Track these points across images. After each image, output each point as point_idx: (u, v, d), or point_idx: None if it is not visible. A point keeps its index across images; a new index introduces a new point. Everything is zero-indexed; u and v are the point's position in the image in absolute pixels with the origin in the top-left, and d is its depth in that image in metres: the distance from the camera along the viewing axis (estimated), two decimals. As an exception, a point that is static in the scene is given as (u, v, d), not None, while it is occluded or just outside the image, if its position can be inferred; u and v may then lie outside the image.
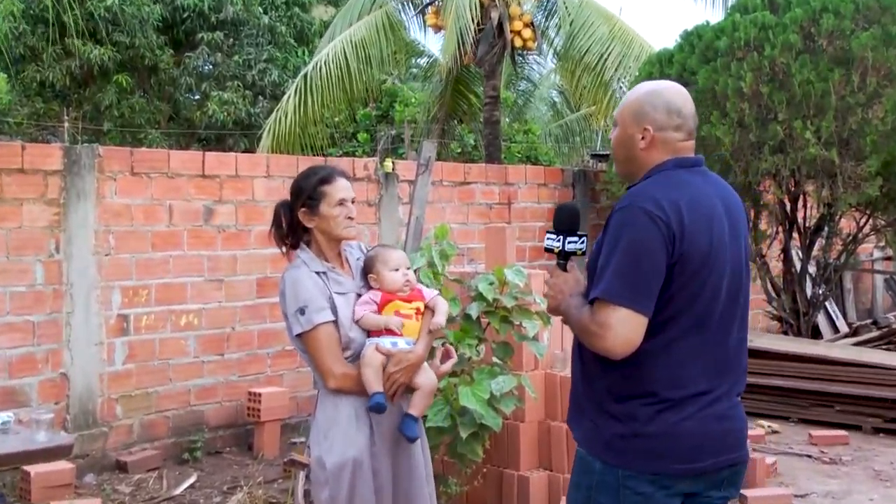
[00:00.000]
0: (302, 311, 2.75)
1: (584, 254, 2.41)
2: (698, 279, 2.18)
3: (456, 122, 13.22)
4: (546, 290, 2.41)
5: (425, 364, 2.88)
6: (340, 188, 2.87)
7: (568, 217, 2.42)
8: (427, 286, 4.07)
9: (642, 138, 2.29)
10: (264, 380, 6.54)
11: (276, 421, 6.23)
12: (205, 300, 6.26)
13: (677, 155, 2.30)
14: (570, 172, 8.97)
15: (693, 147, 2.35)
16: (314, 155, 10.19)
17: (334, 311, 2.79)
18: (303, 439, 5.98)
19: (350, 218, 2.87)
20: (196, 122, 15.75)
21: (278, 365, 6.60)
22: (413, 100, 14.79)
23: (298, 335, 2.79)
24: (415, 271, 4.13)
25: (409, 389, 2.85)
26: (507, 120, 15.95)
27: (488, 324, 4.25)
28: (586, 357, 2.30)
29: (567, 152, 17.44)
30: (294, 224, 2.91)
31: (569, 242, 2.38)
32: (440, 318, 2.90)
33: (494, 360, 4.29)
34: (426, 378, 2.86)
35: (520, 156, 14.66)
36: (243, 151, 13.40)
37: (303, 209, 2.87)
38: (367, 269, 2.92)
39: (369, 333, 2.83)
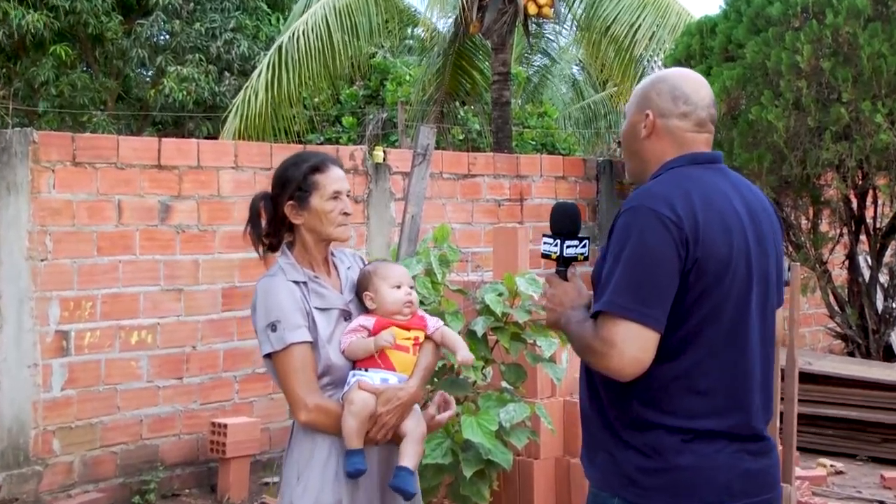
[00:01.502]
0: (273, 328, 2.75)
1: (586, 259, 2.47)
2: (719, 289, 2.23)
3: (458, 103, 13.25)
4: (544, 301, 2.47)
5: (416, 407, 2.85)
6: (335, 178, 2.87)
7: (566, 217, 2.48)
8: (427, 296, 4.08)
9: (644, 126, 2.40)
10: (231, 408, 6.54)
11: (245, 457, 6.23)
12: (160, 314, 6.27)
13: (687, 148, 2.37)
14: (593, 163, 8.98)
15: (709, 141, 2.42)
16: (290, 142, 10.22)
17: (313, 329, 2.78)
18: (276, 479, 5.99)
19: (346, 214, 2.87)
20: (150, 102, 15.79)
21: (248, 390, 6.62)
22: (408, 77, 14.82)
23: (268, 355, 2.78)
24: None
25: (395, 437, 2.81)
26: (518, 101, 15.99)
27: (496, 342, 4.26)
28: (597, 380, 2.33)
29: (590, 139, 17.48)
30: (277, 220, 2.90)
31: (567, 247, 2.44)
32: (466, 354, 2.88)
33: (504, 384, 4.30)
34: (415, 423, 2.83)
35: (534, 143, 14.68)
36: (206, 137, 13.42)
37: (290, 202, 2.85)
38: (363, 287, 2.90)
39: (355, 363, 2.81)
